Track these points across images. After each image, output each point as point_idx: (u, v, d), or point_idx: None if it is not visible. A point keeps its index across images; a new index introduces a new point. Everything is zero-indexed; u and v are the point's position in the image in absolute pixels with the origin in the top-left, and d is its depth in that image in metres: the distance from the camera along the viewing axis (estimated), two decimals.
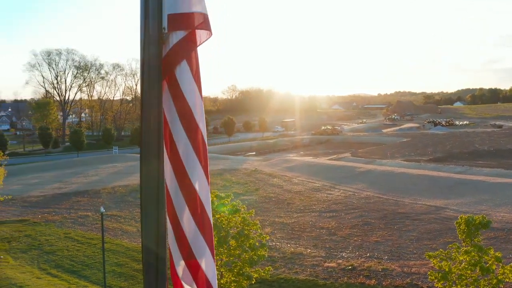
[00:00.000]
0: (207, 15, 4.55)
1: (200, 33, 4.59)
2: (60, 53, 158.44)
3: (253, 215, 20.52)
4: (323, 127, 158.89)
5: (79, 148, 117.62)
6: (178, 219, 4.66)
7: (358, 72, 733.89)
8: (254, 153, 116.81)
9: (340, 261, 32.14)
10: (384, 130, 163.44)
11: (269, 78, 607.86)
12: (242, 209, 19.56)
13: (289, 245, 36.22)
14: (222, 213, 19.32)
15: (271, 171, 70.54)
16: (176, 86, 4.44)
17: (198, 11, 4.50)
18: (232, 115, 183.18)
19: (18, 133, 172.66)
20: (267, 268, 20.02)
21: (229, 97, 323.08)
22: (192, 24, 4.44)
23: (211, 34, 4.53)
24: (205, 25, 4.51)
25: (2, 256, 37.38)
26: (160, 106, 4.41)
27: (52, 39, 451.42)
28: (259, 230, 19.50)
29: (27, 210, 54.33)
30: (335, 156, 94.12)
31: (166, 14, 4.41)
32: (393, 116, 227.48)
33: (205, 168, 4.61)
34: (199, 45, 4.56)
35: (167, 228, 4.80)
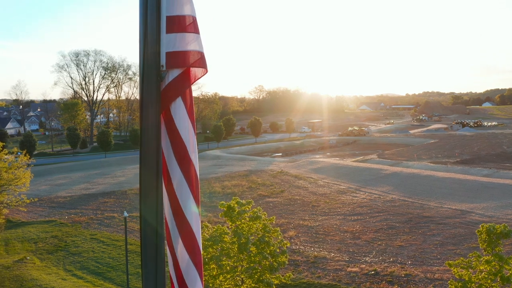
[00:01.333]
0: (203, 53, 4.73)
1: (195, 71, 4.77)
2: (88, 54, 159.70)
3: (273, 222, 20.56)
4: (350, 128, 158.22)
5: (106, 149, 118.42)
6: (173, 248, 4.88)
7: (386, 72, 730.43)
8: (281, 154, 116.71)
9: (363, 265, 32.08)
10: (412, 131, 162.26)
11: (296, 78, 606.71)
12: (263, 216, 19.64)
13: (312, 249, 36.22)
14: (243, 220, 19.45)
15: (297, 173, 70.51)
16: (171, 122, 4.64)
17: (194, 49, 4.68)
18: (259, 115, 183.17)
19: (47, 133, 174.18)
20: (287, 274, 20.07)
21: (256, 97, 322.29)
22: (188, 62, 4.62)
23: (207, 71, 4.70)
24: (201, 63, 4.70)
25: (28, 257, 37.77)
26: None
27: (80, 41, 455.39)
28: (279, 237, 19.56)
29: (54, 211, 54.90)
30: (361, 157, 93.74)
31: (164, 52, 4.59)
32: (421, 117, 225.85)
33: (197, 200, 4.83)
34: (193, 82, 4.74)
35: (167, 255, 4.98)
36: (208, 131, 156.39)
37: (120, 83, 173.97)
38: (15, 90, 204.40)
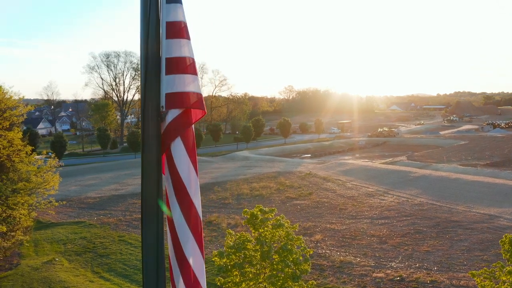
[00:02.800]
0: (201, 95, 4.88)
1: (195, 111, 4.92)
2: (118, 55, 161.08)
3: (296, 229, 20.61)
4: (379, 129, 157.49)
5: (136, 149, 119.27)
6: (175, 286, 5.05)
7: (417, 72, 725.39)
8: (310, 155, 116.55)
9: (389, 271, 31.96)
10: (442, 132, 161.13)
11: (326, 78, 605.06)
12: (286, 224, 19.73)
13: (338, 253, 36.17)
14: (265, 228, 19.54)
15: (325, 175, 70.46)
16: (172, 162, 4.81)
17: (192, 91, 4.83)
18: (289, 116, 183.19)
19: (78, 133, 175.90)
20: (310, 282, 20.07)
21: (286, 98, 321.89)
22: (187, 103, 4.78)
23: (205, 112, 4.85)
24: (199, 104, 4.85)
25: (57, 259, 38.12)
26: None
27: (110, 42, 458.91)
28: (302, 245, 19.64)
29: (84, 212, 55.48)
30: (390, 159, 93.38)
31: (164, 93, 4.73)
32: (451, 118, 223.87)
33: (198, 241, 4.99)
34: (194, 123, 4.88)
35: None
36: (237, 132, 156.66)
37: None
38: (47, 91, 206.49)
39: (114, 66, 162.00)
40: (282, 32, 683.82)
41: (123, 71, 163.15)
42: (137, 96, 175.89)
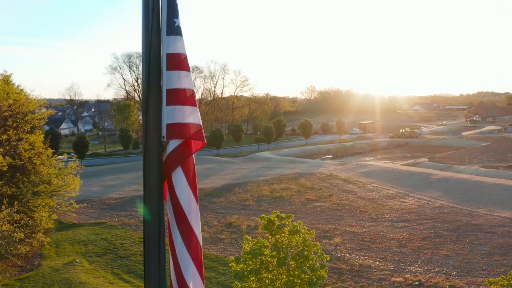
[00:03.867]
0: (200, 126, 5.00)
1: (195, 142, 5.05)
2: (140, 56, 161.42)
3: (314, 235, 20.65)
4: (401, 130, 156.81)
5: None
6: None
7: (439, 71, 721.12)
8: (331, 156, 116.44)
9: (408, 275, 31.83)
10: (464, 133, 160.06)
11: (348, 78, 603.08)
12: (303, 230, 19.78)
13: (357, 257, 36.11)
14: (282, 234, 19.61)
15: (346, 176, 70.33)
16: (172, 191, 4.96)
17: (192, 122, 4.96)
18: (310, 116, 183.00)
19: (100, 133, 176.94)
20: (327, 287, 20.14)
21: (307, 98, 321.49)
22: (187, 134, 4.91)
23: (205, 143, 4.96)
24: (199, 135, 4.98)
25: (78, 260, 38.36)
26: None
27: (132, 42, 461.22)
28: (319, 251, 19.68)
29: (105, 213, 55.82)
30: (412, 160, 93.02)
31: (165, 123, 4.85)
32: (474, 118, 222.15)
33: (198, 266, 5.13)
34: (194, 153, 5.01)
35: None
36: (258, 133, 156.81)
37: None
38: (69, 91, 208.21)
39: (136, 67, 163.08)
40: (305, 31, 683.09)
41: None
42: None
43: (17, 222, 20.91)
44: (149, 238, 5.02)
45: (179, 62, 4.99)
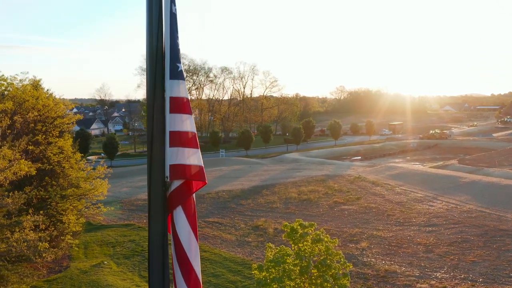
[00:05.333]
0: (201, 167, 5.19)
1: (196, 182, 5.25)
2: None
3: (336, 244, 20.69)
4: (431, 131, 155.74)
5: None
6: None
7: (471, 71, 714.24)
8: (360, 157, 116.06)
9: (433, 282, 31.68)
10: (495, 134, 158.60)
11: (378, 78, 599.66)
12: (325, 239, 19.83)
13: (384, 262, 36.02)
14: (305, 242, 19.69)
15: (375, 179, 70.08)
16: (174, 228, 5.17)
17: (194, 163, 5.15)
18: (340, 116, 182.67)
19: (130, 133, 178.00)
20: None
21: (337, 98, 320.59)
22: (188, 175, 5.10)
23: (206, 183, 5.15)
24: (200, 176, 5.18)
25: (106, 262, 38.67)
26: None
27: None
28: (342, 260, 19.72)
29: (133, 214, 56.22)
30: (441, 162, 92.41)
31: (168, 164, 5.05)
32: (505, 119, 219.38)
33: None
34: (194, 192, 5.21)
35: None
36: (287, 134, 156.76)
37: (202, 85, 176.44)
38: (99, 92, 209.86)
39: None
40: (335, 31, 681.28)
41: None
42: (188, 97, 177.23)
43: (43, 230, 21.20)
44: (153, 247, 5.21)
45: (181, 105, 5.20)
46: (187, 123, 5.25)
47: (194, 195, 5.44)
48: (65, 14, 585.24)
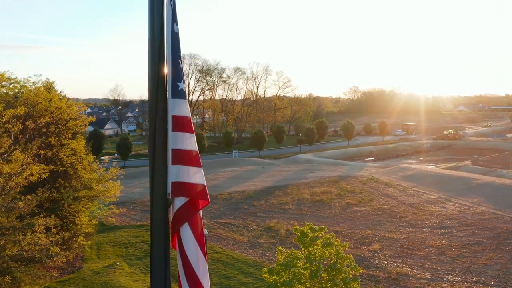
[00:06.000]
0: (204, 186, 5.26)
1: (200, 200, 5.30)
2: (183, 57, 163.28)
3: (347, 248, 20.70)
4: (445, 132, 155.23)
5: (199, 152, 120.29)
6: None
7: (485, 71, 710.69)
8: (373, 158, 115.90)
9: (445, 285, 31.57)
10: (509, 135, 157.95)
11: (392, 78, 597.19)
12: (336, 243, 19.85)
13: (395, 264, 35.94)
14: (315, 246, 19.72)
15: (387, 180, 69.98)
16: (181, 245, 5.24)
17: (197, 182, 5.21)
18: (353, 116, 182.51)
19: (143, 133, 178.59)
20: None
21: (350, 98, 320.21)
22: (192, 193, 5.16)
23: (208, 202, 5.21)
24: (203, 195, 5.23)
25: (118, 263, 38.78)
26: None
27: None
28: (352, 264, 19.72)
29: (146, 215, 56.22)
30: (455, 164, 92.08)
31: (170, 181, 5.12)
32: None
33: None
34: (200, 209, 5.27)
35: None
36: (300, 134, 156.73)
37: (215, 86, 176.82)
38: (113, 93, 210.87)
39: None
40: (348, 31, 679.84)
41: (188, 73, 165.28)
42: (202, 99, 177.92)
43: (55, 234, 21.33)
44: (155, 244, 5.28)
45: (183, 124, 5.26)
46: (190, 142, 5.32)
47: (201, 212, 5.52)
48: (82, 14, 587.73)
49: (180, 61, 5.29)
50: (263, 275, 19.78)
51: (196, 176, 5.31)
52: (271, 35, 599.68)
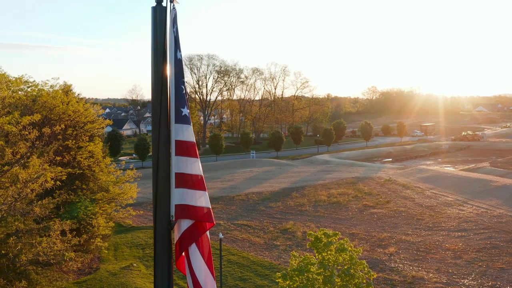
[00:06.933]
0: (208, 208, 5.39)
1: (206, 223, 5.46)
2: (201, 58, 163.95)
3: (360, 254, 20.74)
4: (463, 133, 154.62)
5: (217, 152, 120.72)
6: None
7: (504, 71, 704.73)
8: (391, 159, 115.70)
9: None
10: None
11: (411, 78, 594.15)
12: (349, 248, 19.87)
13: (411, 268, 35.84)
14: (329, 252, 19.75)
15: (405, 182, 69.78)
16: (190, 264, 5.39)
17: (201, 205, 5.34)
18: (371, 117, 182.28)
19: None
20: None
21: (369, 98, 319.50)
22: (197, 216, 5.30)
23: (214, 224, 5.35)
24: (208, 217, 5.37)
25: (135, 264, 38.93)
26: None
27: (193, 46, 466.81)
28: (366, 269, 19.73)
29: None
30: (473, 165, 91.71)
31: (174, 204, 5.26)
32: None
33: None
34: (207, 230, 5.42)
35: None
36: (318, 135, 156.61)
37: (233, 86, 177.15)
38: (131, 93, 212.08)
39: (197, 69, 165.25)
40: (367, 31, 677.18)
41: (206, 74, 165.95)
42: (220, 98, 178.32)
43: (71, 238, 21.51)
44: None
45: (187, 149, 5.39)
46: (194, 166, 5.45)
47: (208, 233, 5.67)
48: (102, 15, 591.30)
49: (183, 87, 5.41)
50: (277, 280, 19.86)
51: (201, 199, 5.46)
52: (289, 35, 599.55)
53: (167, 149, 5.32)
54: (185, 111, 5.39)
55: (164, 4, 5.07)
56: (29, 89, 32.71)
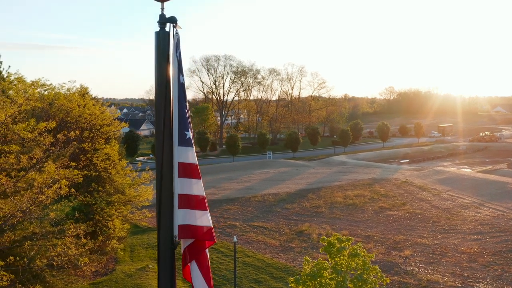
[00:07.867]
0: (209, 228, 5.54)
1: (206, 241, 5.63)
2: (218, 59, 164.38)
3: (373, 258, 20.76)
4: (481, 134, 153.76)
5: (234, 153, 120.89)
6: None
7: None
8: (408, 160, 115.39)
9: None
10: None
11: (429, 78, 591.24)
12: (362, 253, 19.92)
13: (426, 271, 35.73)
14: (342, 257, 19.83)
15: (422, 183, 69.52)
16: (190, 278, 5.57)
17: (202, 225, 5.50)
18: (389, 117, 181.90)
19: None
20: None
21: (386, 98, 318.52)
22: (199, 235, 5.46)
23: (215, 241, 5.49)
24: (209, 236, 5.53)
25: (150, 265, 39.05)
26: None
27: (210, 46, 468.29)
28: (379, 274, 19.77)
29: None
30: (490, 167, 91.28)
31: (177, 225, 5.42)
32: None
33: None
34: (207, 248, 5.58)
35: None
36: (335, 136, 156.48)
37: (250, 87, 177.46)
38: (148, 94, 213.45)
39: (214, 70, 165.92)
40: (384, 31, 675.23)
41: (223, 75, 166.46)
42: (237, 98, 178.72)
43: (86, 242, 21.70)
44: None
45: (189, 170, 5.52)
46: (197, 187, 5.60)
47: (207, 250, 5.84)
48: (120, 15, 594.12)
49: (186, 110, 5.52)
50: (290, 284, 19.97)
51: (202, 218, 5.61)
52: (306, 36, 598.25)
53: (170, 171, 5.44)
54: (189, 134, 5.51)
55: (167, 29, 5.17)
56: (45, 92, 33.00)
